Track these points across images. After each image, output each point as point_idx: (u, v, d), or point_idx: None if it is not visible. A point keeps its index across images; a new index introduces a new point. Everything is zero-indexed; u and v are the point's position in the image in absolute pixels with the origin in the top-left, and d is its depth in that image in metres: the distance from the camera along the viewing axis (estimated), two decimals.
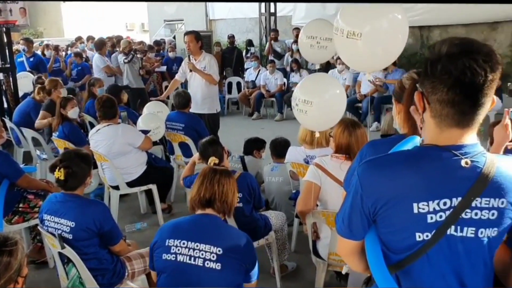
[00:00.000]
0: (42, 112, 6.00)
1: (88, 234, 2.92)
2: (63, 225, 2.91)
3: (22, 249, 1.88)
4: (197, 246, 2.31)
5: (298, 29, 11.74)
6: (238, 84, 11.39)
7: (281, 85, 10.38)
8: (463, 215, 1.40)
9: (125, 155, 4.72)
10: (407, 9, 10.62)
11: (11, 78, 7.60)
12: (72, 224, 2.89)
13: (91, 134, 4.84)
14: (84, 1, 23.01)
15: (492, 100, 1.39)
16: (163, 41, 13.93)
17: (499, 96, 7.69)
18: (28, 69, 8.94)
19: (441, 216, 1.40)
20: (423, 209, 1.40)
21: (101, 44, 9.52)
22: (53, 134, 5.34)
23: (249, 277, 2.44)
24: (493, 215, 1.41)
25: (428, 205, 1.40)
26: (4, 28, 7.39)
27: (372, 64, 2.96)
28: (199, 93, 6.20)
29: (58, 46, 11.63)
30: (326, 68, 9.87)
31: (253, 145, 5.26)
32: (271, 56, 11.62)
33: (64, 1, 21.56)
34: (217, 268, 2.28)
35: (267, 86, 10.51)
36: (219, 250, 2.29)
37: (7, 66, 7.58)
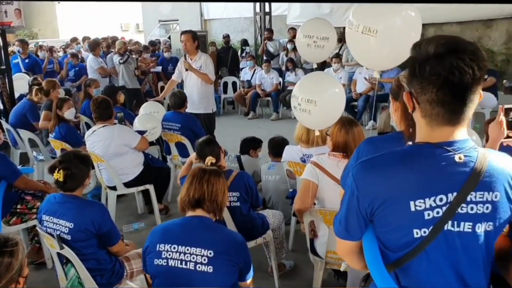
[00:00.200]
0: (45, 112, 6.02)
1: (87, 235, 2.93)
2: (61, 226, 2.91)
3: (22, 250, 1.89)
4: (187, 250, 2.29)
5: (293, 29, 11.79)
6: (234, 83, 11.40)
7: (277, 84, 10.40)
8: (459, 210, 1.42)
9: (121, 155, 4.72)
10: None
11: (6, 80, 7.60)
12: (71, 225, 2.89)
13: (87, 135, 4.84)
14: (78, 1, 22.92)
15: (480, 94, 1.41)
16: (158, 41, 13.91)
17: (495, 93, 7.73)
18: (24, 70, 8.91)
19: (438, 212, 1.42)
20: (420, 206, 1.41)
21: (94, 45, 9.49)
22: (50, 135, 5.34)
23: (244, 277, 2.43)
24: (487, 209, 1.43)
25: (424, 202, 1.41)
26: None
27: (383, 61, 2.92)
28: (195, 92, 6.20)
29: (52, 48, 11.61)
30: (322, 67, 9.88)
31: (250, 145, 5.28)
32: (265, 56, 11.65)
33: (58, 2, 21.56)
34: (209, 271, 2.26)
35: (263, 85, 10.52)
36: (210, 253, 2.27)
37: (3, 67, 7.58)
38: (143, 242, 2.53)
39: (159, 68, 10.87)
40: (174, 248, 2.32)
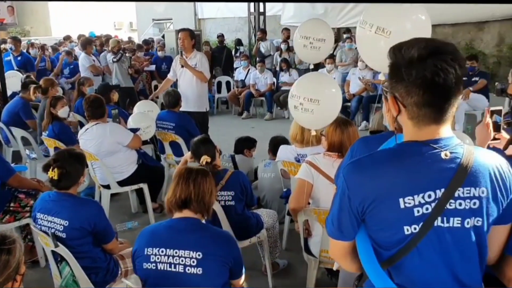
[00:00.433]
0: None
1: (82, 233, 2.93)
2: (56, 223, 2.91)
3: (20, 248, 1.89)
4: (176, 253, 2.27)
5: (287, 29, 11.82)
6: (228, 83, 11.40)
7: (271, 84, 10.41)
8: (448, 206, 1.45)
9: (114, 154, 4.71)
10: None
11: None
12: (66, 223, 2.89)
13: (80, 133, 4.82)
14: (71, 1, 22.81)
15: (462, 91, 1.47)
16: (152, 40, 13.88)
17: (486, 95, 7.78)
18: (16, 68, 8.86)
19: (427, 209, 1.44)
20: (409, 203, 1.44)
21: (86, 43, 9.42)
22: (43, 133, 5.32)
23: (235, 275, 2.42)
24: (474, 204, 1.46)
25: (413, 199, 1.44)
26: None
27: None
28: (189, 91, 6.22)
29: (44, 45, 11.54)
30: (316, 67, 9.91)
31: (244, 144, 5.29)
32: (257, 56, 11.68)
33: (51, 0, 21.44)
34: (199, 273, 2.25)
35: (257, 85, 10.52)
36: (198, 255, 2.26)
37: None
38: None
39: (153, 67, 10.86)
40: (162, 251, 2.30)
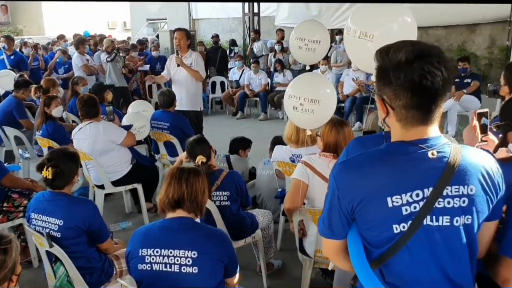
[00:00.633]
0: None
1: (77, 232, 2.92)
2: (51, 223, 2.90)
3: (16, 248, 1.88)
4: (171, 252, 2.27)
5: (281, 30, 11.85)
6: (222, 83, 11.40)
7: (265, 84, 10.43)
8: (436, 205, 1.46)
9: (108, 152, 4.70)
10: None
11: None
12: (60, 222, 2.88)
13: (74, 133, 4.80)
14: (65, 0, 22.69)
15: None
16: (146, 40, 13.86)
17: (478, 97, 7.84)
18: (9, 67, 8.81)
19: (415, 207, 1.46)
20: (397, 202, 1.46)
21: (79, 42, 9.37)
22: (37, 133, 5.30)
23: (229, 273, 2.43)
24: (464, 202, 1.48)
25: (401, 198, 1.46)
26: None
27: None
28: (184, 90, 6.23)
29: (37, 45, 11.49)
30: (311, 68, 9.94)
31: (239, 145, 5.30)
32: (250, 56, 11.72)
33: (46, 0, 21.37)
34: (194, 272, 2.25)
35: (251, 85, 10.53)
36: (194, 254, 2.26)
37: None
38: None
39: (147, 67, 10.84)
40: (157, 252, 2.30)
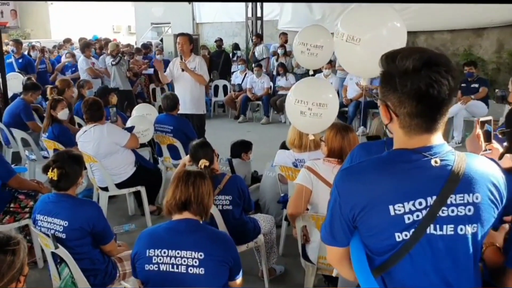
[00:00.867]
0: None
1: (81, 233, 2.95)
2: (56, 224, 2.94)
3: (24, 249, 1.91)
4: (178, 253, 2.30)
5: (284, 34, 11.86)
6: (225, 87, 11.44)
7: (268, 88, 10.45)
8: (440, 213, 1.45)
9: (112, 155, 4.73)
10: None
11: (0, 79, 7.58)
12: (65, 223, 2.92)
13: (78, 135, 4.83)
14: (70, 1, 22.79)
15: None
16: (150, 43, 13.92)
17: (486, 102, 7.78)
18: (17, 70, 8.91)
19: (418, 216, 1.45)
20: (399, 210, 1.46)
21: (85, 46, 9.53)
22: (43, 135, 5.34)
23: (234, 275, 2.45)
24: (469, 210, 1.47)
25: (403, 206, 1.46)
26: None
27: (368, 69, 3.01)
28: (187, 94, 6.29)
29: (44, 48, 11.58)
30: (314, 72, 9.96)
31: (241, 148, 5.30)
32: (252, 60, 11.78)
33: (51, 2, 21.47)
34: (201, 273, 2.28)
35: (254, 89, 10.56)
36: (200, 255, 2.29)
37: None
38: (134, 244, 2.54)
39: (151, 70, 10.87)
40: (164, 252, 2.32)
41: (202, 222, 2.49)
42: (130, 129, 5.04)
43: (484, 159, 1.57)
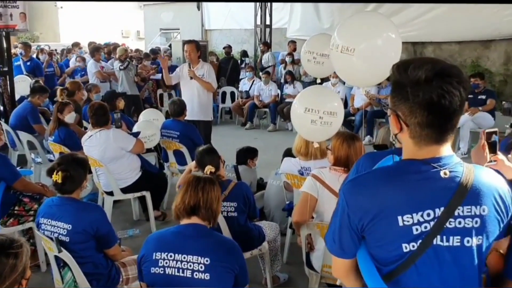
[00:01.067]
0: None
1: (85, 236, 2.95)
2: (60, 228, 2.94)
3: (27, 252, 1.91)
4: (184, 258, 2.31)
5: (293, 42, 11.90)
6: (232, 93, 11.47)
7: (275, 96, 10.47)
8: (447, 225, 1.45)
9: (118, 160, 4.73)
10: (401, 24, 10.73)
11: (8, 82, 7.64)
12: (69, 227, 2.92)
13: (83, 140, 4.84)
14: (78, 1, 22.99)
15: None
16: (159, 49, 13.99)
17: (492, 114, 7.75)
18: (25, 72, 8.98)
19: (426, 227, 1.45)
20: (408, 221, 1.45)
21: (94, 50, 9.66)
22: (49, 138, 5.36)
23: (240, 283, 2.44)
24: (476, 223, 1.46)
25: (412, 217, 1.45)
26: (4, 33, 7.42)
27: (364, 79, 3.04)
28: (195, 100, 6.30)
29: (52, 52, 11.69)
30: (321, 81, 9.96)
31: (247, 155, 5.30)
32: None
33: (55, 4, 21.68)
34: (206, 278, 2.28)
35: (261, 96, 10.58)
36: (206, 260, 2.29)
37: (5, 69, 7.62)
38: (138, 249, 2.54)
39: (159, 76, 10.90)
40: (171, 256, 2.33)
41: (209, 228, 2.49)
42: (136, 134, 5.04)
43: (491, 171, 1.57)
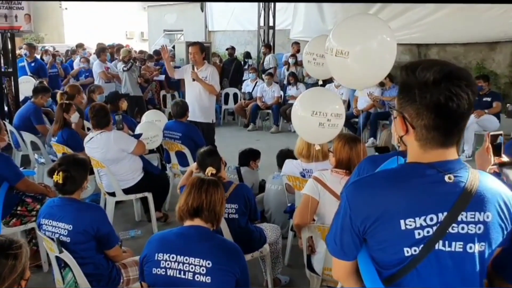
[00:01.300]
0: None
1: (85, 237, 2.96)
2: (60, 228, 2.95)
3: (26, 253, 1.91)
4: (186, 260, 2.31)
5: (297, 43, 11.89)
6: (235, 95, 11.48)
7: (278, 97, 10.46)
8: (450, 230, 1.43)
9: (120, 161, 4.74)
10: (406, 26, 10.71)
11: (12, 82, 7.68)
12: (70, 227, 2.93)
13: (85, 142, 4.85)
14: (82, 1, 23.07)
15: None
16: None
17: (497, 116, 7.71)
18: (29, 73, 9.02)
19: (428, 232, 1.43)
20: (410, 225, 1.43)
21: (100, 50, 9.75)
22: (52, 139, 5.37)
23: (241, 286, 2.43)
24: (479, 229, 1.45)
25: (415, 221, 1.43)
26: (8, 34, 7.46)
27: (359, 81, 3.05)
28: (197, 101, 6.32)
29: (56, 53, 11.74)
30: (324, 82, 9.96)
31: (249, 156, 5.30)
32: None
33: (60, 5, 21.74)
34: (207, 281, 2.27)
35: (264, 98, 10.58)
36: (208, 263, 2.29)
37: (10, 70, 7.66)
38: (139, 250, 2.54)
39: (162, 77, 10.97)
40: (173, 257, 2.33)
41: (212, 231, 2.49)
42: (138, 136, 5.05)
43: (496, 179, 1.55)
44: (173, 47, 14.20)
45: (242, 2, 14.95)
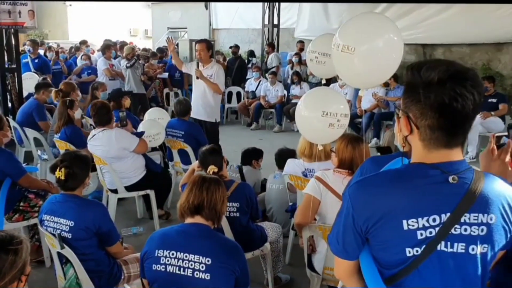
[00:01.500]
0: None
1: (87, 233, 2.97)
2: (62, 224, 2.96)
3: (26, 248, 1.91)
4: (186, 256, 2.32)
5: (302, 42, 11.86)
6: (238, 94, 11.47)
7: (282, 96, 10.45)
8: (452, 231, 1.43)
9: (122, 159, 4.76)
10: (411, 26, 10.66)
11: (16, 79, 7.70)
12: (71, 223, 2.94)
13: (88, 139, 4.87)
14: (87, 1, 23.10)
15: None
16: (166, 47, 14.01)
17: (502, 118, 7.67)
18: (33, 70, 9.04)
19: (431, 232, 1.43)
20: (413, 225, 1.43)
21: (105, 47, 9.77)
22: (55, 135, 5.38)
23: (239, 285, 2.44)
24: (482, 231, 1.44)
25: (417, 222, 1.43)
26: (12, 30, 7.48)
27: (364, 80, 3.01)
28: (201, 100, 6.30)
29: (59, 50, 11.76)
30: (328, 82, 9.94)
31: (252, 155, 5.30)
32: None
33: (64, 3, 21.79)
34: (207, 278, 2.29)
35: (267, 97, 10.57)
36: (208, 260, 2.30)
37: (13, 66, 7.68)
38: (141, 247, 2.55)
39: (165, 75, 10.97)
40: (173, 254, 2.34)
41: (213, 228, 2.50)
42: (140, 134, 5.05)
43: (500, 180, 1.53)
44: (177, 44, 14.22)
45: (246, 2, 14.96)
